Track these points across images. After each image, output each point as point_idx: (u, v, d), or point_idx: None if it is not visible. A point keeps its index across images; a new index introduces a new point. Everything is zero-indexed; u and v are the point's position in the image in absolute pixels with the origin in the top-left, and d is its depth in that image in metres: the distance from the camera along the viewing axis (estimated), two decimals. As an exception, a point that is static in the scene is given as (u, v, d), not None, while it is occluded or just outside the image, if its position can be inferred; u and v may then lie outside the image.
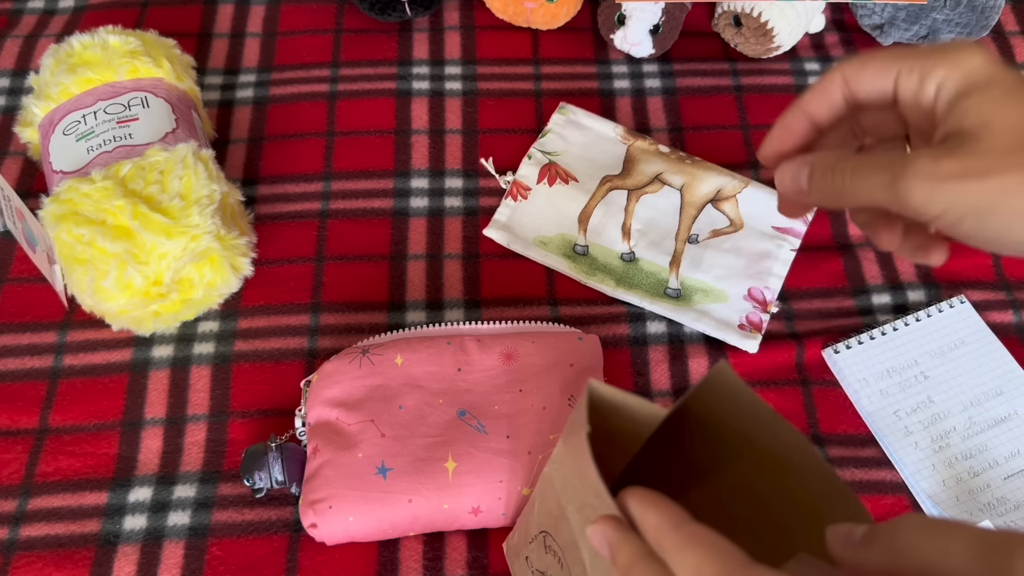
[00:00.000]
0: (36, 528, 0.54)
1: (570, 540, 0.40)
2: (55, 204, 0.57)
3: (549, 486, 0.42)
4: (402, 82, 0.75)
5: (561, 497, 0.40)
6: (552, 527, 0.42)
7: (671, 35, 0.75)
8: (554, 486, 0.41)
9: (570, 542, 0.40)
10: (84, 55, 0.64)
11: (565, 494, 0.40)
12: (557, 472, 0.41)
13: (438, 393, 0.55)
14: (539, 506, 0.44)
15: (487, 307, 0.63)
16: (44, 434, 0.58)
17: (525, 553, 0.46)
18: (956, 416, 0.59)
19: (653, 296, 0.63)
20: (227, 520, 0.55)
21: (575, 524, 0.39)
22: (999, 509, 0.55)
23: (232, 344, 0.61)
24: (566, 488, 0.40)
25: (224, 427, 0.58)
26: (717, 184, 0.67)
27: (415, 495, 0.52)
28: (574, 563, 0.40)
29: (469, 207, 0.68)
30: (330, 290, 0.64)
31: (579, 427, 0.36)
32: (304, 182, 0.69)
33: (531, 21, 0.77)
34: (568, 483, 0.39)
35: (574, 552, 0.39)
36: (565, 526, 0.40)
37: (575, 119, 0.71)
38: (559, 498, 0.40)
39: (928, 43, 0.76)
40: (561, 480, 0.40)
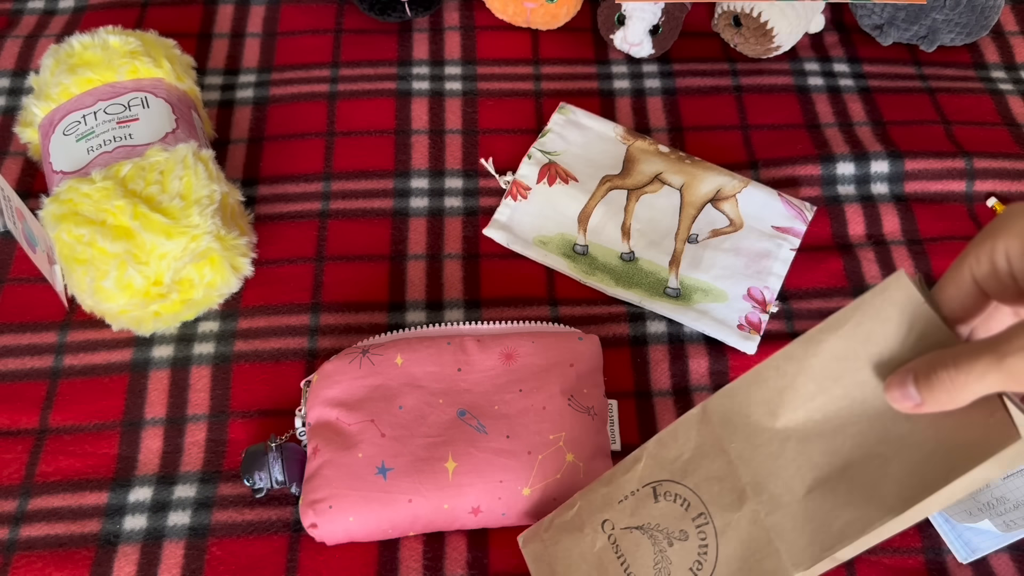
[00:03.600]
0: (36, 528, 0.54)
1: (718, 473, 0.42)
2: (55, 204, 0.57)
3: (691, 428, 0.43)
4: (402, 82, 0.75)
5: (726, 430, 0.42)
6: (681, 471, 0.43)
7: (671, 35, 0.75)
8: (711, 422, 0.43)
9: (717, 475, 0.42)
10: (84, 55, 0.64)
11: (743, 423, 0.41)
12: (734, 399, 0.42)
13: (438, 393, 0.55)
14: (651, 459, 0.45)
15: (487, 307, 0.64)
16: (44, 434, 0.58)
17: (602, 517, 0.46)
18: (956, 416, 0.59)
19: (653, 296, 0.63)
20: (227, 520, 0.55)
21: (752, 451, 0.41)
22: (998, 509, 0.55)
23: (232, 344, 0.61)
24: (761, 409, 0.41)
25: (224, 427, 0.58)
26: (717, 184, 0.67)
27: (415, 495, 0.52)
28: (722, 494, 0.42)
29: (469, 207, 0.68)
30: (330, 290, 0.64)
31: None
32: (304, 182, 0.69)
33: (531, 21, 0.77)
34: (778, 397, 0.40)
35: (724, 483, 0.42)
36: (713, 462, 0.42)
37: (575, 119, 0.71)
38: (716, 435, 0.42)
39: (927, 43, 0.76)
40: (747, 403, 0.41)
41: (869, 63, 0.77)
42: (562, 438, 0.53)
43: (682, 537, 0.43)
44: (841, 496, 0.39)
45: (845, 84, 0.76)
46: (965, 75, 0.77)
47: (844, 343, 0.39)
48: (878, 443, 0.38)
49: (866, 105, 0.75)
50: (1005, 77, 0.77)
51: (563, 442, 0.53)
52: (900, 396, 0.38)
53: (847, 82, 0.76)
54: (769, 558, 0.40)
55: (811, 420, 0.40)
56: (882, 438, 0.38)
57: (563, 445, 0.53)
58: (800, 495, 0.39)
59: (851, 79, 0.76)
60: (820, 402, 0.39)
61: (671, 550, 0.44)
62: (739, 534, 0.41)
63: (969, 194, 0.70)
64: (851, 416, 0.39)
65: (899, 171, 0.70)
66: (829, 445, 0.39)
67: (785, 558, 0.40)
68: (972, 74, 0.77)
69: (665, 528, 0.44)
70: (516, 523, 0.54)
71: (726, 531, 0.42)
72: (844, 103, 0.75)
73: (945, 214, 0.69)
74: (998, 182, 0.70)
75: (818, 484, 0.39)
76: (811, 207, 0.67)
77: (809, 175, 0.70)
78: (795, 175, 0.70)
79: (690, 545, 0.43)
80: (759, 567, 0.41)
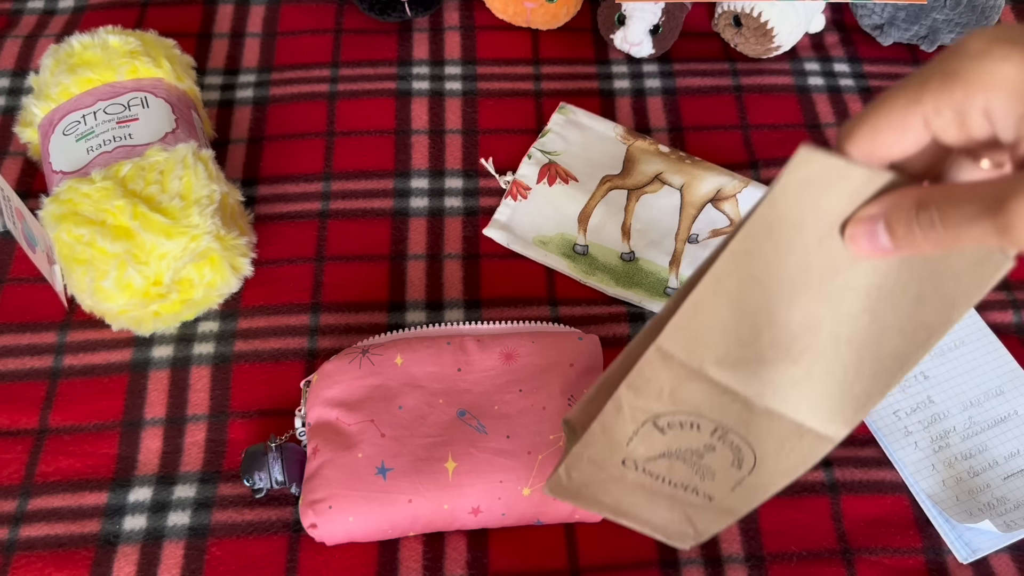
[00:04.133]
0: (36, 528, 0.54)
1: (711, 393, 0.39)
2: (55, 204, 0.57)
3: (656, 368, 0.40)
4: (402, 82, 0.75)
5: (693, 360, 0.39)
6: (671, 401, 0.41)
7: (671, 35, 0.74)
8: (674, 358, 0.39)
9: (711, 395, 0.40)
10: (84, 55, 0.64)
11: (705, 352, 0.38)
12: (686, 332, 0.38)
13: (438, 393, 0.55)
14: (632, 404, 0.42)
15: (487, 307, 0.63)
16: (44, 434, 0.58)
17: (618, 459, 0.44)
18: (956, 416, 0.59)
19: (653, 296, 0.63)
20: (227, 520, 0.55)
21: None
22: (999, 509, 0.55)
23: (232, 344, 0.61)
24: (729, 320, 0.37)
25: (224, 427, 0.58)
26: (717, 184, 0.67)
27: (415, 495, 0.52)
28: (725, 408, 0.40)
29: (469, 207, 0.68)
30: (330, 290, 0.64)
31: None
32: (304, 182, 0.69)
33: (531, 21, 0.77)
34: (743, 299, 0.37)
35: (722, 398, 0.39)
36: (700, 385, 0.40)
37: (575, 119, 0.71)
38: (687, 367, 0.39)
39: (928, 43, 0.76)
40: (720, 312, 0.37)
41: (870, 63, 0.77)
42: (562, 438, 0.53)
43: (709, 450, 0.42)
44: (848, 361, 0.37)
45: (845, 84, 0.76)
46: (965, 75, 0.77)
47: (773, 242, 0.35)
48: (856, 301, 0.36)
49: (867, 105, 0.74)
50: (1005, 77, 0.77)
51: (563, 442, 0.53)
52: (867, 244, 0.33)
53: (847, 82, 0.76)
54: (806, 436, 0.40)
55: (772, 320, 0.37)
56: (863, 302, 0.36)
57: (563, 445, 0.53)
58: (803, 379, 0.38)
59: (851, 79, 0.76)
60: (773, 301, 0.37)
61: (704, 460, 0.43)
62: (765, 430, 0.40)
63: (969, 194, 0.70)
64: (811, 295, 0.36)
65: (899, 171, 0.70)
66: (805, 326, 0.37)
67: (822, 431, 0.39)
68: (972, 74, 0.77)
69: (688, 449, 0.43)
70: (516, 523, 0.54)
71: (750, 432, 0.41)
72: (844, 103, 0.75)
73: (945, 214, 0.69)
74: (998, 182, 0.70)
75: (815, 362, 0.38)
76: (811, 207, 0.67)
77: (809, 175, 0.70)
78: (795, 175, 0.70)
79: (721, 453, 0.42)
80: (800, 444, 0.40)
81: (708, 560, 0.54)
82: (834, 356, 0.38)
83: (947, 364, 0.61)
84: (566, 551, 0.54)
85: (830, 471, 0.57)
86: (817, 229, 0.34)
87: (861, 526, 0.55)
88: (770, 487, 0.43)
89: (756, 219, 0.35)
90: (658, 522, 0.46)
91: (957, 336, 0.62)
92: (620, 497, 0.46)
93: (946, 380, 0.60)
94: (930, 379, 0.60)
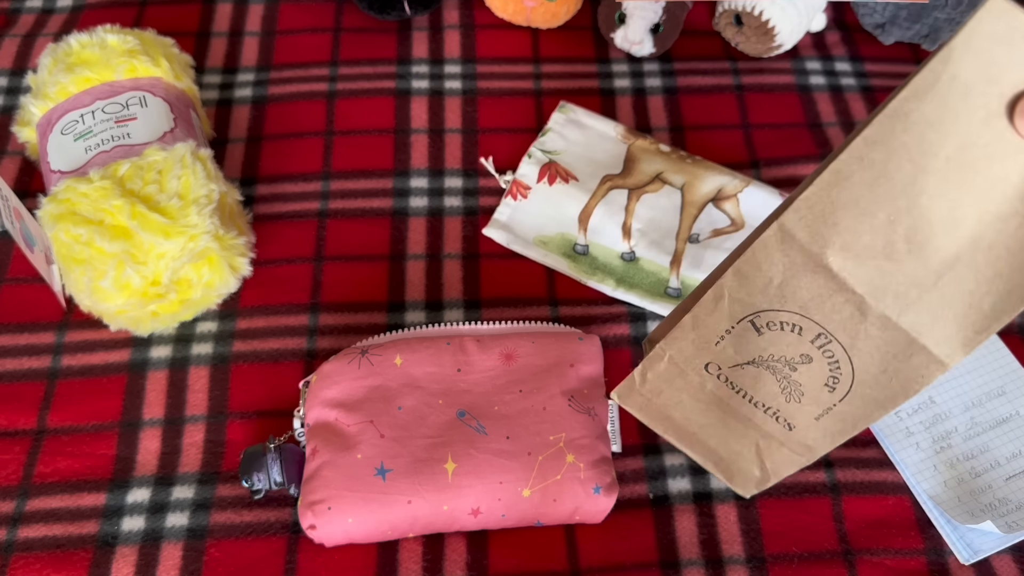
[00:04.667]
0: (34, 529, 0.54)
1: (823, 289, 0.36)
2: (53, 204, 0.57)
3: (772, 251, 0.37)
4: (401, 81, 0.74)
5: (816, 243, 0.35)
6: (778, 298, 0.37)
7: (672, 34, 0.74)
8: (795, 239, 0.36)
9: (823, 292, 0.36)
10: (82, 54, 0.64)
11: (834, 232, 0.35)
12: (814, 209, 0.35)
13: (437, 394, 0.55)
14: (734, 294, 0.38)
15: (487, 307, 0.63)
16: (42, 435, 0.58)
17: (703, 361, 0.41)
18: (958, 417, 0.59)
19: (654, 296, 0.63)
20: (225, 521, 0.54)
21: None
22: (1000, 510, 0.55)
23: (230, 345, 0.61)
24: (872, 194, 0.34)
25: (222, 428, 0.58)
26: (718, 183, 0.67)
27: (414, 496, 0.51)
28: (836, 309, 0.36)
29: (469, 207, 0.68)
30: (329, 290, 0.64)
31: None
32: (303, 182, 0.69)
33: (531, 20, 0.77)
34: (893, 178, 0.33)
35: (835, 297, 0.36)
36: (815, 280, 0.36)
37: (575, 118, 0.71)
38: (806, 252, 0.36)
39: (929, 42, 0.76)
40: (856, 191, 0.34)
41: (871, 62, 0.77)
42: (562, 439, 0.53)
43: (805, 360, 0.39)
44: (983, 270, 0.34)
45: (847, 83, 0.75)
46: (967, 74, 0.77)
47: (937, 106, 0.32)
48: (1007, 202, 0.32)
49: (868, 104, 0.74)
50: (1007, 76, 0.77)
51: (563, 443, 0.53)
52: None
53: (849, 81, 0.76)
54: (916, 355, 0.36)
55: (915, 205, 0.33)
56: (1016, 204, 0.32)
57: (563, 446, 0.53)
58: (930, 285, 0.35)
59: (853, 78, 0.76)
60: (921, 182, 0.33)
61: (796, 374, 0.39)
62: (872, 343, 0.37)
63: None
64: (963, 182, 0.33)
65: (901, 170, 0.70)
66: (947, 221, 0.33)
67: (936, 351, 0.36)
68: (974, 73, 0.77)
69: (782, 357, 0.39)
70: (516, 524, 0.53)
71: (855, 344, 0.37)
72: (846, 102, 0.74)
73: (947, 214, 0.69)
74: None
75: (947, 267, 0.34)
76: (812, 207, 0.67)
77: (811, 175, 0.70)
78: (797, 174, 0.70)
79: (817, 367, 0.38)
80: (906, 367, 0.37)
81: (709, 561, 0.54)
82: (971, 262, 0.34)
83: (949, 364, 0.61)
84: (566, 552, 0.54)
85: (831, 472, 0.57)
86: (987, 101, 0.31)
87: (862, 527, 0.55)
88: (860, 421, 0.39)
89: (924, 75, 0.31)
90: (725, 453, 0.43)
91: (959, 336, 0.62)
92: (691, 415, 0.42)
93: (948, 380, 0.60)
94: (932, 379, 0.60)
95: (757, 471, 0.43)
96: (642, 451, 0.57)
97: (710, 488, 0.56)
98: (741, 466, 0.43)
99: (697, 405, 0.42)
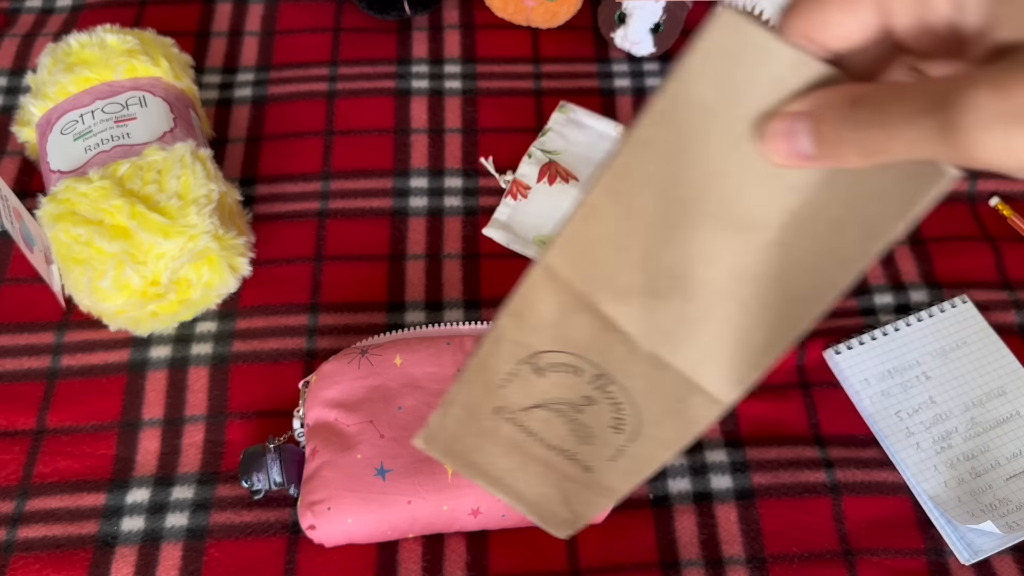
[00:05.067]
0: (34, 529, 0.54)
1: (595, 329, 0.34)
2: (52, 204, 0.57)
3: (542, 291, 0.34)
4: (401, 81, 0.74)
5: (582, 281, 0.33)
6: (553, 339, 0.35)
7: (672, 34, 0.74)
8: (561, 277, 0.34)
9: (595, 331, 0.34)
10: (82, 54, 0.64)
11: (594, 268, 0.33)
12: (574, 245, 0.33)
13: (437, 394, 0.55)
14: (513, 337, 0.36)
15: (487, 307, 0.63)
16: (42, 435, 0.57)
17: (492, 406, 0.39)
18: (958, 417, 0.59)
19: (653, 296, 0.63)
20: (225, 521, 0.54)
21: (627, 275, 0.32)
22: (1001, 510, 0.55)
23: (230, 345, 0.61)
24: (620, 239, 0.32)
25: (222, 428, 0.58)
26: (718, 183, 0.67)
27: (414, 496, 0.51)
28: (609, 348, 0.34)
29: (469, 206, 0.68)
30: (329, 290, 0.64)
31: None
32: (303, 181, 0.69)
33: (531, 20, 0.77)
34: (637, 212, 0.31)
35: (606, 336, 0.34)
36: (584, 318, 0.34)
37: (575, 118, 0.71)
38: (573, 290, 0.34)
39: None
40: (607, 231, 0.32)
41: (871, 62, 0.77)
42: (562, 439, 0.53)
43: (587, 403, 0.37)
44: (749, 303, 0.31)
45: (847, 83, 0.75)
46: (967, 74, 0.77)
47: (679, 132, 0.29)
48: (763, 229, 0.30)
49: (868, 104, 0.74)
50: (1007, 76, 0.77)
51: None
52: (784, 146, 0.27)
53: (849, 81, 0.75)
54: (693, 394, 0.34)
55: (670, 239, 0.31)
56: (775, 231, 0.30)
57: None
58: (697, 321, 0.33)
59: (853, 78, 0.76)
60: (674, 214, 0.31)
61: (583, 416, 0.38)
62: (649, 383, 0.35)
63: (972, 193, 0.70)
64: (717, 213, 0.30)
65: (901, 170, 0.70)
66: (706, 254, 0.31)
67: (710, 389, 0.34)
68: (974, 73, 0.77)
69: (564, 399, 0.38)
70: (516, 524, 0.53)
71: (633, 383, 0.35)
72: (846, 102, 0.74)
73: (947, 213, 0.68)
74: (1001, 182, 0.70)
75: (712, 302, 0.32)
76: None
77: (810, 174, 0.70)
78: (796, 174, 0.70)
79: (601, 408, 0.37)
80: (685, 406, 0.35)
81: (709, 561, 0.54)
82: (736, 294, 0.32)
83: (949, 365, 0.60)
84: (566, 552, 0.54)
85: (832, 472, 0.57)
86: (731, 125, 0.28)
87: (863, 527, 0.55)
88: (651, 461, 0.38)
89: (663, 99, 0.28)
90: (533, 497, 0.41)
91: (959, 336, 0.62)
92: (493, 459, 0.40)
93: (948, 381, 0.60)
94: (932, 379, 0.60)
95: (566, 512, 0.41)
96: (642, 451, 0.57)
97: (710, 488, 0.56)
98: (550, 508, 0.41)
99: (496, 449, 0.40)
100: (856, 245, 0.29)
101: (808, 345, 0.61)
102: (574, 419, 0.38)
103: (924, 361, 0.61)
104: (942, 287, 0.65)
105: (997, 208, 0.69)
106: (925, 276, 0.65)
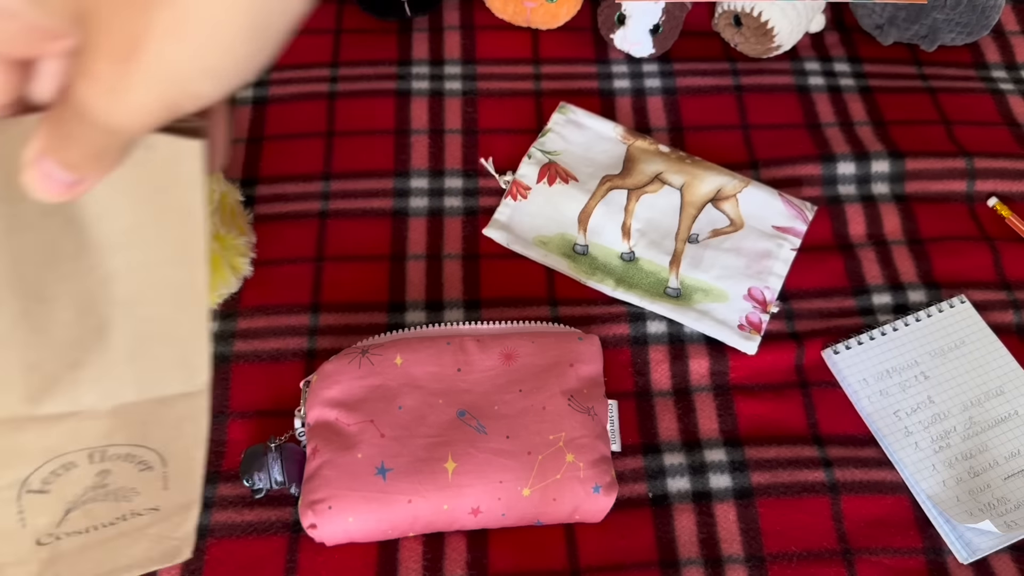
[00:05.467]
0: (35, 529, 0.54)
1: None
2: (54, 204, 0.57)
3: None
4: (401, 82, 0.74)
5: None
6: (23, 461, 0.36)
7: (671, 35, 0.74)
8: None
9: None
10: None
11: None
12: None
13: (438, 393, 0.55)
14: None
15: (487, 307, 0.63)
16: (43, 434, 0.58)
17: (30, 541, 0.39)
18: (956, 416, 0.59)
19: (653, 296, 0.63)
20: (226, 520, 0.55)
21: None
22: (999, 509, 0.55)
23: (231, 344, 0.61)
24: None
25: (223, 427, 0.58)
26: (717, 184, 0.67)
27: (415, 496, 0.52)
28: (74, 428, 0.35)
29: (469, 207, 0.68)
30: (329, 290, 0.64)
31: None
32: (303, 182, 0.69)
33: (531, 21, 0.77)
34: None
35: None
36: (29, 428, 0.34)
37: (575, 119, 0.71)
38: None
39: (928, 42, 0.76)
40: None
41: (870, 63, 0.77)
42: (562, 438, 0.53)
43: (106, 475, 0.37)
44: (137, 322, 0.33)
45: (846, 84, 0.76)
46: (966, 75, 0.77)
47: None
48: (99, 266, 0.31)
49: (867, 105, 0.74)
50: (1006, 77, 0.77)
51: (563, 442, 0.53)
52: (52, 187, 0.28)
53: (848, 82, 0.76)
54: (172, 405, 0.35)
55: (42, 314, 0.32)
56: (113, 254, 0.31)
57: (563, 445, 0.53)
58: (118, 359, 0.34)
59: (852, 79, 0.76)
60: (30, 290, 0.31)
61: (113, 484, 0.38)
62: (137, 425, 0.36)
63: (970, 194, 0.70)
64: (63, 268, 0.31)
65: (900, 171, 0.70)
66: (66, 304, 0.32)
67: (185, 390, 0.35)
68: (973, 74, 0.77)
69: (84, 489, 0.38)
70: (516, 524, 0.53)
71: (129, 434, 0.36)
72: (845, 103, 0.74)
73: (946, 214, 0.69)
74: (999, 182, 0.70)
75: (106, 334, 0.33)
76: (812, 207, 0.67)
77: (810, 175, 0.70)
78: (796, 175, 0.70)
79: (118, 467, 0.37)
80: (178, 418, 0.36)
81: (708, 560, 0.54)
82: (116, 321, 0.33)
83: (947, 364, 0.61)
84: (566, 551, 0.54)
85: (830, 471, 0.57)
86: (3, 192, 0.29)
87: (861, 526, 0.55)
88: (194, 463, 0.38)
89: None
90: (139, 557, 0.42)
91: (958, 336, 0.62)
92: (78, 566, 0.40)
93: (946, 380, 0.60)
94: (930, 379, 0.60)
95: (173, 541, 0.42)
96: (641, 450, 0.58)
97: (709, 487, 0.56)
98: (158, 551, 0.42)
99: (73, 560, 0.40)
100: (180, 236, 0.31)
101: (807, 345, 0.62)
102: (111, 492, 0.38)
103: (922, 361, 0.61)
104: (940, 287, 0.65)
105: (995, 208, 0.69)
106: (923, 276, 0.65)
